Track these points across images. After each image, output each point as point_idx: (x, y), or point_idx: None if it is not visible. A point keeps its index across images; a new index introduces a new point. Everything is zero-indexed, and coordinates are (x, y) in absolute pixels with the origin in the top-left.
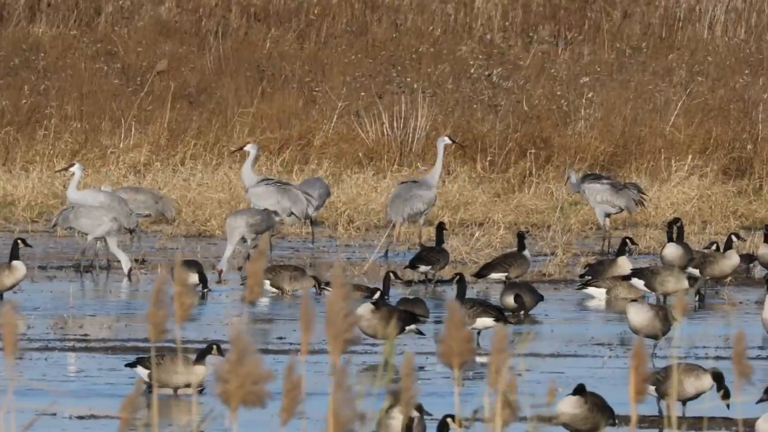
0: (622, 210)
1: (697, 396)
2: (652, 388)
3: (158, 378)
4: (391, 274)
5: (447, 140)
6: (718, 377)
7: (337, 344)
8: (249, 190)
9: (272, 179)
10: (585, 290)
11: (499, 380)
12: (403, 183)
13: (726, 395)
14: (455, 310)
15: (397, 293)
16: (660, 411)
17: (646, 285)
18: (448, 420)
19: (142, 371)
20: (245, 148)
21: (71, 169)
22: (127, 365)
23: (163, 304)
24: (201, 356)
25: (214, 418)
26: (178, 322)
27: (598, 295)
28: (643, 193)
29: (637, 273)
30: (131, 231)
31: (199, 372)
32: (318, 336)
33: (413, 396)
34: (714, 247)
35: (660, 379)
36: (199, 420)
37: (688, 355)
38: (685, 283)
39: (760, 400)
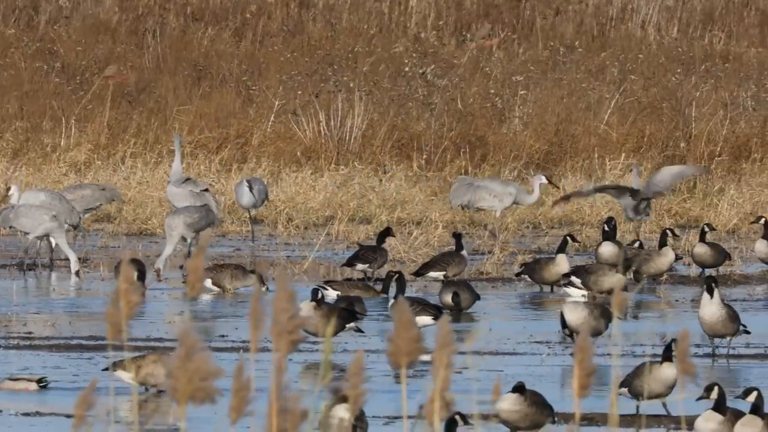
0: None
1: (668, 390)
2: (624, 390)
3: (143, 380)
4: (392, 273)
5: (543, 179)
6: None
7: (283, 343)
8: (168, 186)
9: (193, 180)
10: (565, 289)
11: (443, 376)
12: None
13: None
14: (403, 310)
15: (337, 291)
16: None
17: (582, 283)
18: (457, 417)
19: (123, 374)
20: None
21: (10, 192)
22: (104, 370)
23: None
24: None
25: (161, 414)
26: (124, 320)
27: (575, 294)
28: None
29: (575, 271)
30: (75, 227)
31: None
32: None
33: (362, 395)
34: (637, 244)
35: (630, 380)
36: (147, 417)
37: (625, 353)
38: (622, 281)
39: (700, 398)
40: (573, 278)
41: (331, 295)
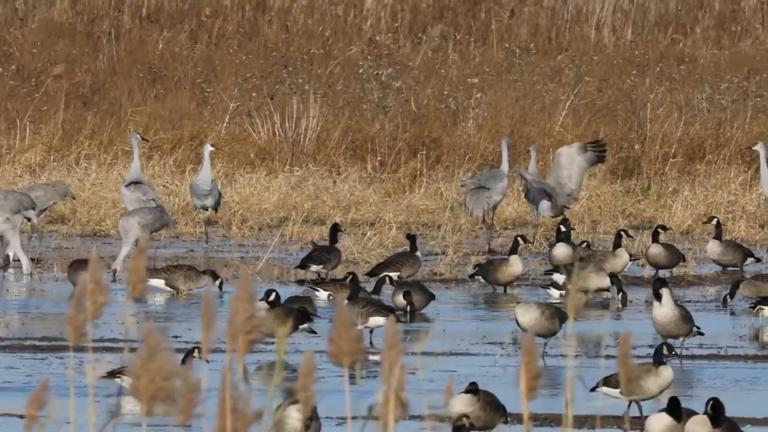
0: None
1: (660, 392)
2: (615, 391)
3: None
4: (387, 278)
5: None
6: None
7: (240, 344)
8: (122, 186)
9: (143, 185)
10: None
11: (392, 377)
12: (473, 178)
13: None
14: (344, 310)
15: (290, 291)
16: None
17: (567, 281)
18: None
19: (126, 380)
20: (133, 139)
21: None
22: (102, 378)
23: (83, 307)
24: (185, 359)
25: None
26: (90, 320)
27: (555, 294)
28: None
29: (557, 270)
30: (32, 227)
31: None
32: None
33: (313, 395)
34: (585, 245)
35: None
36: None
37: (578, 354)
38: (606, 281)
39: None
40: (556, 275)
41: (322, 296)
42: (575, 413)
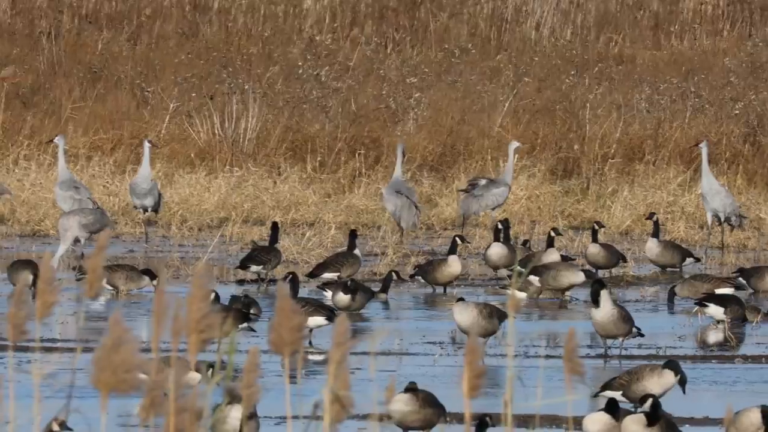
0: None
1: (663, 393)
2: (618, 394)
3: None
4: (393, 273)
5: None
6: (674, 367)
7: (193, 343)
8: (55, 185)
9: (77, 185)
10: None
11: (338, 374)
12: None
13: (682, 381)
14: (286, 299)
15: (230, 291)
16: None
17: (539, 281)
18: (487, 419)
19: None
20: (54, 140)
21: None
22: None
23: (24, 304)
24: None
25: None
26: (38, 319)
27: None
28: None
29: (533, 270)
30: None
31: (195, 378)
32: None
33: (257, 392)
34: (527, 245)
35: (625, 384)
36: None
37: (518, 354)
38: (581, 277)
39: (636, 406)
40: (531, 277)
41: (329, 296)
42: (515, 413)
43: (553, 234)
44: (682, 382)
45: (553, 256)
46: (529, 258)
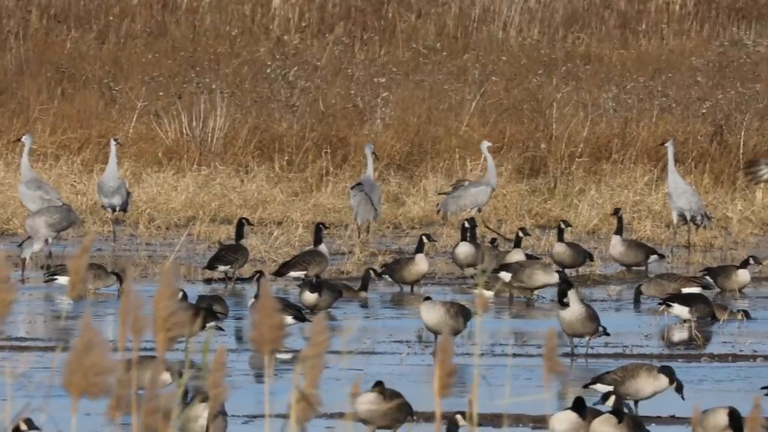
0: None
1: (653, 395)
2: (608, 388)
3: None
4: (371, 271)
5: (373, 147)
6: (669, 373)
7: (161, 341)
8: (20, 184)
9: (44, 185)
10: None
11: (309, 373)
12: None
13: (679, 388)
14: (267, 297)
15: (198, 290)
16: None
17: (513, 279)
18: (458, 417)
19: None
20: (22, 139)
21: None
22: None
23: None
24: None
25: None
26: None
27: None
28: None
29: (505, 266)
30: None
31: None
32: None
33: (224, 390)
34: (495, 243)
35: (618, 380)
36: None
37: (484, 352)
38: (555, 278)
39: (596, 404)
40: (502, 273)
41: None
42: (481, 412)
43: (521, 234)
44: (679, 389)
45: (518, 255)
46: (497, 257)
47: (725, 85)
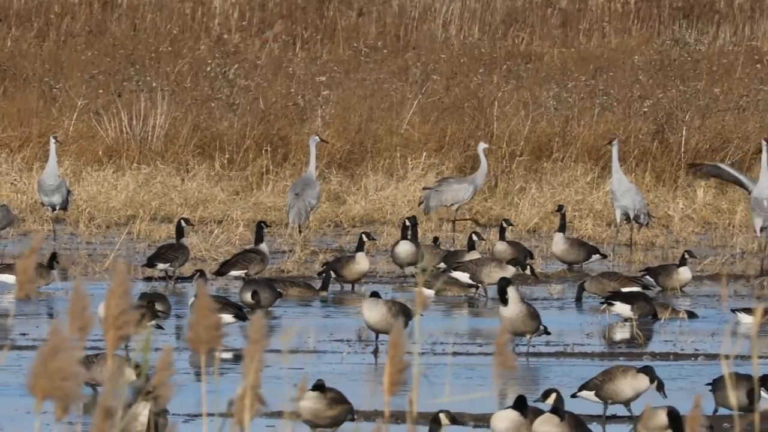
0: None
1: (636, 397)
2: (591, 393)
3: None
4: (331, 270)
5: (317, 139)
6: (649, 373)
7: (111, 339)
8: None
9: None
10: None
11: (253, 371)
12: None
13: (660, 386)
14: (204, 297)
15: (138, 288)
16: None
17: (471, 278)
18: (441, 415)
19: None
20: None
21: None
22: None
23: None
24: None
25: None
26: None
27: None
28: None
29: (459, 266)
30: None
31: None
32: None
33: (170, 389)
34: (437, 242)
35: (598, 384)
36: None
37: (425, 351)
38: (511, 270)
39: (536, 400)
40: (457, 273)
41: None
42: (421, 410)
43: (474, 237)
44: (660, 387)
45: (474, 256)
46: (438, 255)
47: (667, 83)
